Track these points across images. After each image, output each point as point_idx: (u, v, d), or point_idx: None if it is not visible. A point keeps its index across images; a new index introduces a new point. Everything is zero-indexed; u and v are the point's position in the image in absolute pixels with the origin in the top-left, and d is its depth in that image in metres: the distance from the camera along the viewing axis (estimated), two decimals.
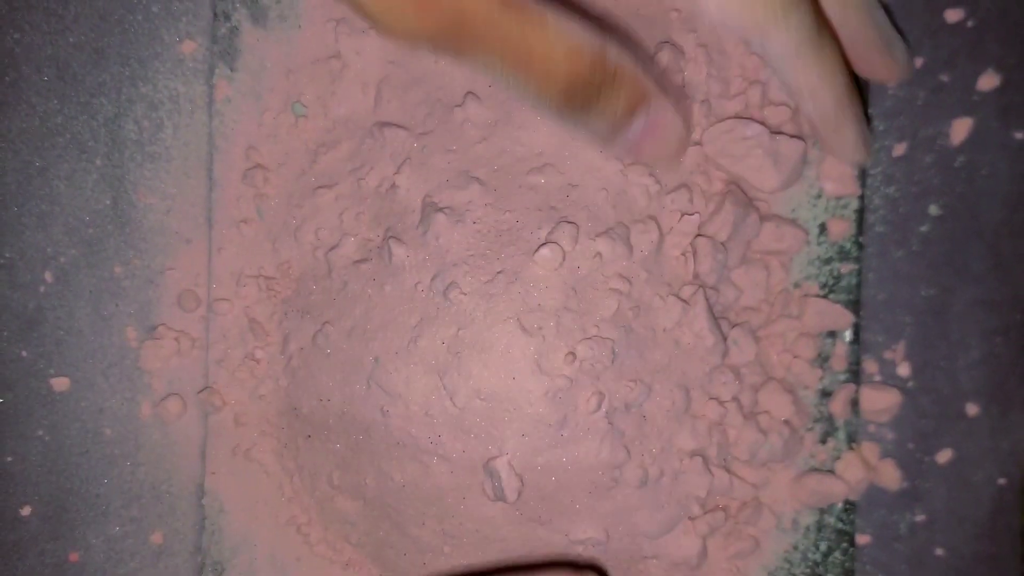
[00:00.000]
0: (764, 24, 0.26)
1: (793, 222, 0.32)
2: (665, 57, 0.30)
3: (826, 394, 0.32)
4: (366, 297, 0.31)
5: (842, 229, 0.32)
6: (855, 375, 0.32)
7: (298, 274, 0.33)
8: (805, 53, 0.27)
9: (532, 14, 0.24)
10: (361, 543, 0.33)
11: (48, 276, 0.34)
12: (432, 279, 0.30)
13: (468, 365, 0.30)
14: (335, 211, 0.33)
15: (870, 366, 0.33)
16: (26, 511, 0.34)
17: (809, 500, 0.32)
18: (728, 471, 0.31)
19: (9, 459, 0.34)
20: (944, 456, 0.33)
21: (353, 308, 0.32)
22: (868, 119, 0.32)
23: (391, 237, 0.31)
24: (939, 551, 0.33)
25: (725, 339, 0.30)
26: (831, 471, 0.32)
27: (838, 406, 0.32)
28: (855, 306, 0.32)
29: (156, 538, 0.34)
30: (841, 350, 0.32)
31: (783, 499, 0.32)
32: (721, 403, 0.31)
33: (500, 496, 0.30)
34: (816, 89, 0.27)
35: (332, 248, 0.32)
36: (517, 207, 0.30)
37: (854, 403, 0.32)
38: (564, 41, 0.24)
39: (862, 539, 0.33)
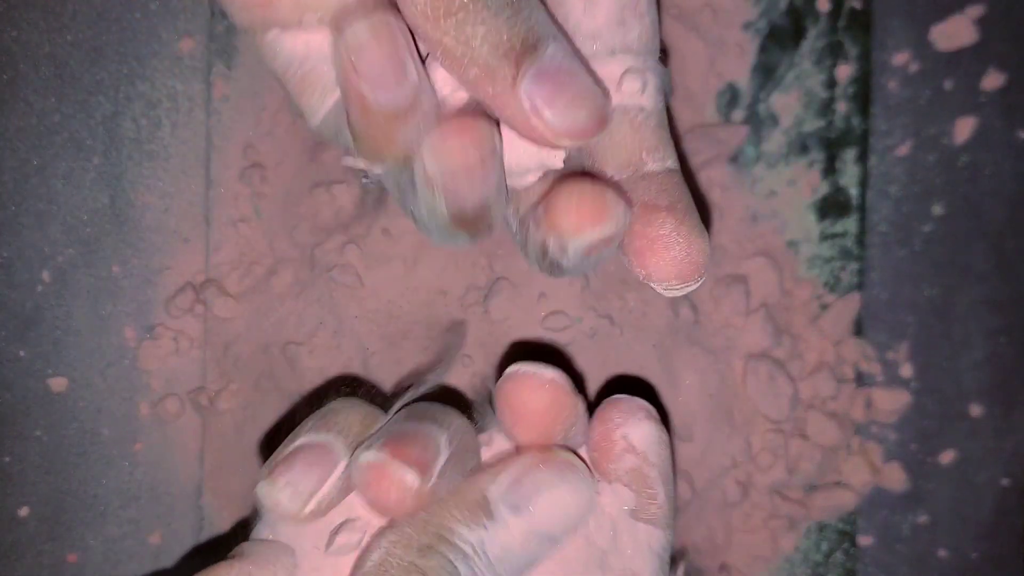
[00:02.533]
0: None
1: None
2: None
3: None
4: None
5: None
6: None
7: (293, 271, 0.33)
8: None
9: None
10: None
11: (46, 275, 0.34)
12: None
13: None
14: (332, 208, 0.32)
15: (873, 367, 0.33)
16: (24, 512, 0.34)
17: (821, 516, 0.32)
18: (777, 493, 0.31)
19: (7, 459, 0.34)
20: (947, 457, 0.33)
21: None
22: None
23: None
24: (942, 552, 0.33)
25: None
26: (837, 481, 0.32)
27: (858, 411, 0.32)
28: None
29: (154, 539, 0.34)
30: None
31: (801, 515, 0.32)
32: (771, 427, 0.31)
33: None
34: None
35: (319, 244, 0.32)
36: None
37: (868, 405, 0.32)
38: None
39: (864, 540, 0.33)
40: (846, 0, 0.32)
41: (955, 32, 0.32)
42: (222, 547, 0.34)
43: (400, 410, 0.24)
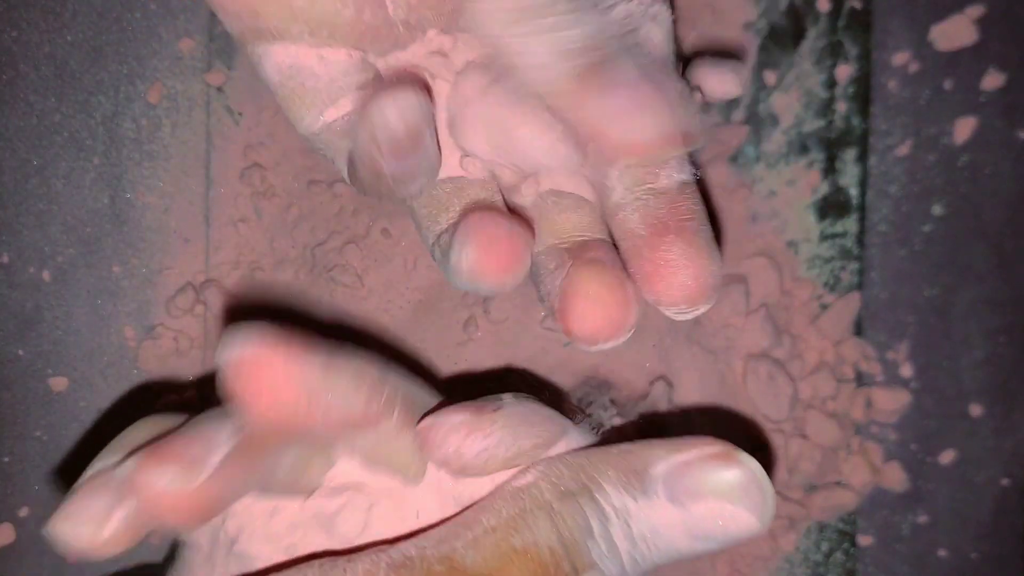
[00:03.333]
0: None
1: None
2: None
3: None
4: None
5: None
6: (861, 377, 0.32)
7: (293, 271, 0.33)
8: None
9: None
10: None
11: (46, 275, 0.34)
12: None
13: None
14: (331, 209, 0.32)
15: (872, 367, 0.33)
16: (24, 512, 0.34)
17: (821, 516, 0.32)
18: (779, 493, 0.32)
19: (7, 459, 0.34)
20: (947, 457, 0.33)
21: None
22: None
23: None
24: (942, 552, 0.33)
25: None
26: (837, 481, 0.32)
27: (858, 411, 0.32)
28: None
29: (154, 538, 0.34)
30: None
31: (802, 515, 0.32)
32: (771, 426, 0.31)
33: None
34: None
35: (319, 244, 0.32)
36: None
37: (868, 405, 0.32)
38: None
39: (864, 540, 0.33)
40: (846, 0, 0.32)
41: (955, 32, 0.32)
42: None
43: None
